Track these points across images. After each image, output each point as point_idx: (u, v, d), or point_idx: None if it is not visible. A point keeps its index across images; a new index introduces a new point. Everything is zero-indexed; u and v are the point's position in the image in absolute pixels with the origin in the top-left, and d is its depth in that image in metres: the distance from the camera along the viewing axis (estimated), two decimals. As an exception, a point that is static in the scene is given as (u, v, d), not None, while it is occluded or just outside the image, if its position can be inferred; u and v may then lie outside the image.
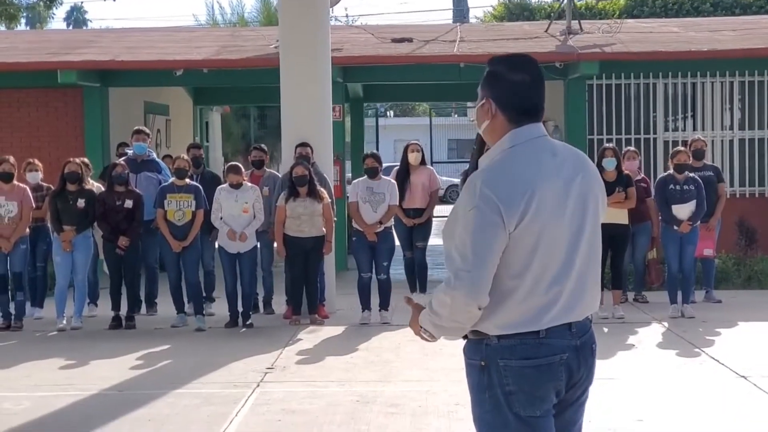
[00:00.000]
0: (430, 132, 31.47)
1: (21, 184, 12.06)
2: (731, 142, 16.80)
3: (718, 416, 7.72)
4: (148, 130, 13.29)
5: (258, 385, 8.85)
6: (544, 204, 3.69)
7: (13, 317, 11.94)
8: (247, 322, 11.90)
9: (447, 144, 50.21)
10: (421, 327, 3.86)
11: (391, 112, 52.26)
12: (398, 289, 12.35)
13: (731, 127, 16.86)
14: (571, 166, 3.83)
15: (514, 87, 3.82)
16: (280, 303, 12.78)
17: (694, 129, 16.73)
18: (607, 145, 12.89)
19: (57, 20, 71.96)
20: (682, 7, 29.27)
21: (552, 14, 28.90)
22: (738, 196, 16.16)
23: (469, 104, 47.41)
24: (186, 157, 12.33)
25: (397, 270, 13.43)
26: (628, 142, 16.25)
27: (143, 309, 12.64)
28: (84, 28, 63.70)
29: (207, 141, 26.15)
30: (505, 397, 3.75)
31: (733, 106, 16.79)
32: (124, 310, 11.98)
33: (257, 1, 32.21)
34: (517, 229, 3.65)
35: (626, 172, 12.28)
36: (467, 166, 12.80)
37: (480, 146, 4.16)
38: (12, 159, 12.07)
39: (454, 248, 3.69)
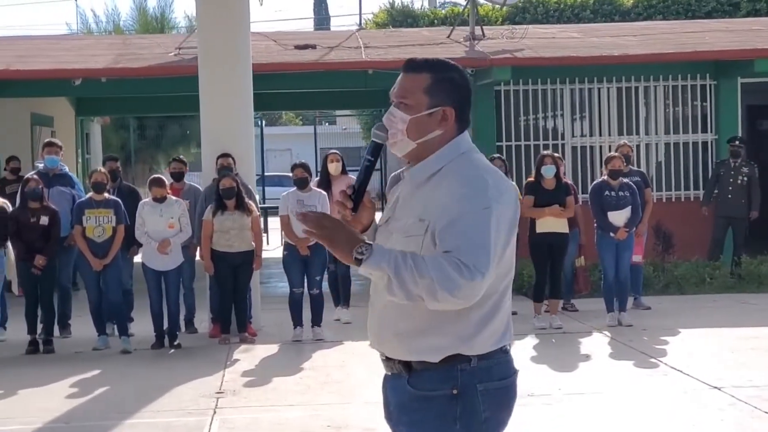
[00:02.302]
0: (315, 140, 30.76)
1: None
2: (638, 147, 16.79)
3: None
4: (60, 143, 12.51)
5: (215, 412, 8.29)
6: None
7: None
8: (175, 343, 11.29)
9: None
10: (364, 256, 3.30)
11: (263, 121, 51.49)
12: (325, 303, 11.88)
13: (637, 132, 16.88)
14: None
15: (468, 94, 3.65)
16: (200, 320, 12.23)
17: (600, 134, 16.72)
18: (546, 151, 12.65)
19: None
20: (563, 14, 29.46)
21: (436, 20, 28.93)
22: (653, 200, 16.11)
23: (337, 112, 47.21)
24: (103, 170, 11.67)
25: (320, 283, 12.95)
26: (536, 147, 16.15)
27: (56, 331, 11.88)
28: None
29: (88, 153, 25.38)
30: (479, 426, 3.47)
31: (638, 111, 16.83)
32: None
33: (132, 10, 31.17)
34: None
35: (564, 180, 12.07)
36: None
37: (375, 157, 3.64)
38: None
39: (468, 242, 3.30)
